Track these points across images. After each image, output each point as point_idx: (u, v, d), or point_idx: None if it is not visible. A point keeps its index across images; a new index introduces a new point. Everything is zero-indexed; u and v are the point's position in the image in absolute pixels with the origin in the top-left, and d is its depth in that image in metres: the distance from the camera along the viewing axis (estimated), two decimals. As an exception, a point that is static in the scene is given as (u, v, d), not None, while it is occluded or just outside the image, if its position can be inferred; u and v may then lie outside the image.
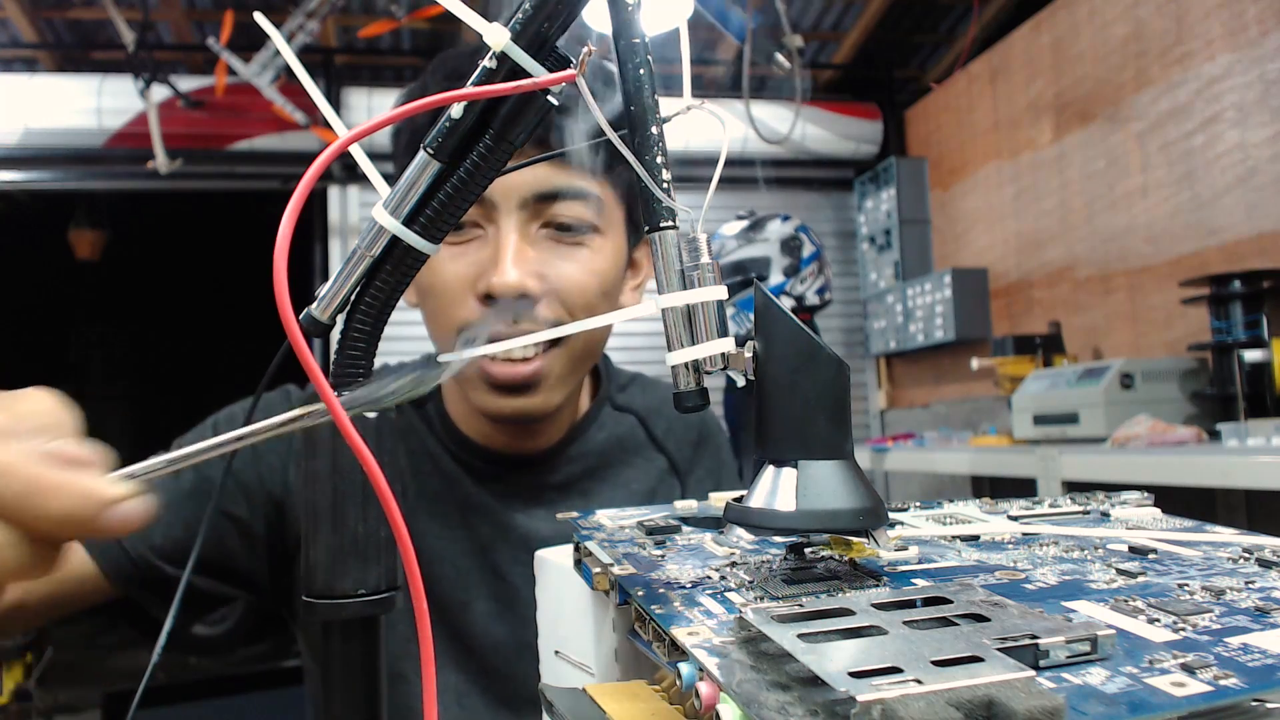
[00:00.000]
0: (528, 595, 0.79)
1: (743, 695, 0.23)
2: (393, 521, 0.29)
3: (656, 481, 0.87)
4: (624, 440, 0.87)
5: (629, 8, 0.33)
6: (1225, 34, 1.96)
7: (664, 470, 0.88)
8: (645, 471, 0.87)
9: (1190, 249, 2.07)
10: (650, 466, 0.87)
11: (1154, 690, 0.22)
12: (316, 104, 0.36)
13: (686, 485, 0.88)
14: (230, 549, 0.77)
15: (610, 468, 0.85)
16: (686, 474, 0.89)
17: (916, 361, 3.28)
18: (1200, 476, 1.42)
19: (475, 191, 0.34)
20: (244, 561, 0.78)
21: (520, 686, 0.78)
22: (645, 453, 0.88)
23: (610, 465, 0.85)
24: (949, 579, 0.33)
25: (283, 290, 0.29)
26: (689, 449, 0.90)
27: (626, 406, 0.89)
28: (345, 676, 0.34)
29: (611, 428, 0.86)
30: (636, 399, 0.90)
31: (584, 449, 0.84)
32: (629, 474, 0.86)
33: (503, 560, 0.78)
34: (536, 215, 0.70)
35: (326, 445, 0.33)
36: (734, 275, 2.39)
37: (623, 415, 0.88)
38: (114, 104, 2.76)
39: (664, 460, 0.88)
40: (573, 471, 0.83)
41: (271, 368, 0.72)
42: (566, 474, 0.82)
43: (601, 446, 0.85)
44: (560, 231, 0.71)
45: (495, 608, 0.78)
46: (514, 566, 0.79)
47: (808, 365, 0.31)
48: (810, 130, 3.22)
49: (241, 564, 0.78)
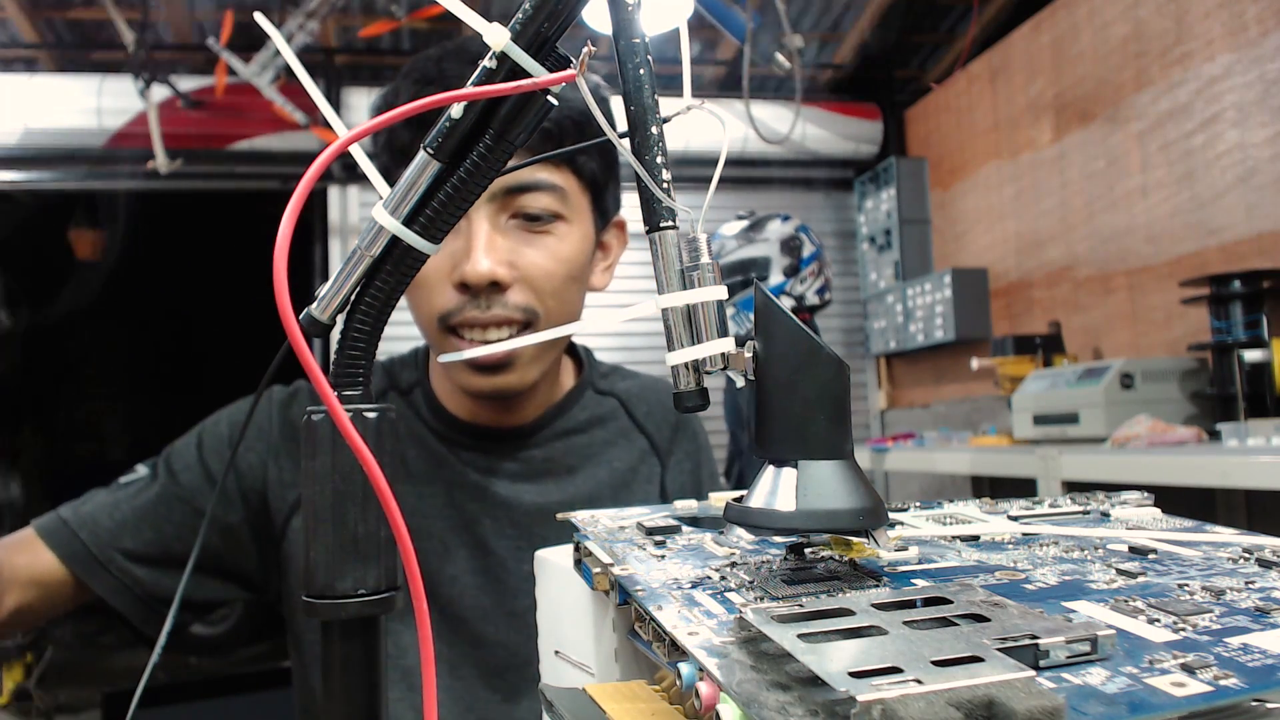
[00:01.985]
0: (514, 566, 0.81)
1: (743, 695, 0.23)
2: (393, 521, 0.29)
3: (637, 460, 0.90)
4: (605, 420, 0.90)
5: (629, 8, 0.33)
6: (1225, 34, 1.96)
7: (644, 450, 0.91)
8: (626, 450, 0.90)
9: (1190, 249, 2.07)
10: (631, 446, 0.90)
11: (1154, 690, 0.22)
12: (316, 104, 0.36)
13: (666, 466, 0.92)
14: (215, 548, 0.80)
15: (592, 445, 0.88)
16: (666, 454, 0.92)
17: (916, 361, 3.28)
18: (1200, 476, 1.42)
19: (475, 191, 0.34)
20: (231, 560, 0.81)
21: (511, 656, 0.80)
22: (626, 433, 0.91)
23: (593, 442, 0.88)
24: (949, 579, 0.33)
25: (283, 290, 0.29)
26: (669, 430, 0.93)
27: (609, 391, 0.92)
28: (345, 676, 0.34)
29: (594, 409, 0.90)
30: (618, 384, 0.94)
31: (566, 426, 0.87)
32: (611, 452, 0.89)
33: (488, 533, 0.81)
34: (505, 207, 0.74)
35: (326, 445, 0.33)
36: (734, 275, 2.39)
37: (605, 398, 0.92)
38: (114, 104, 2.76)
39: (644, 441, 0.91)
40: (556, 447, 0.86)
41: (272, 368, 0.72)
42: (550, 449, 0.85)
43: (584, 424, 0.88)
44: (528, 221, 0.75)
45: (483, 580, 0.81)
46: (499, 540, 0.81)
47: (808, 365, 0.31)
48: (810, 130, 3.22)
49: (229, 562, 0.81)
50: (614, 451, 0.89)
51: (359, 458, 0.28)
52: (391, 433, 0.34)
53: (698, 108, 0.37)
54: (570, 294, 0.78)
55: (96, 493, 0.82)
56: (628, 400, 0.92)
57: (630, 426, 0.92)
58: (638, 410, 0.92)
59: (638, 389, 0.94)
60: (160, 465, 0.82)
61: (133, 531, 0.78)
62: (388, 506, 0.29)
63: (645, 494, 0.89)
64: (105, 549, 0.78)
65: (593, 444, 0.88)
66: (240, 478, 0.81)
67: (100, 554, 0.77)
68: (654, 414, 0.93)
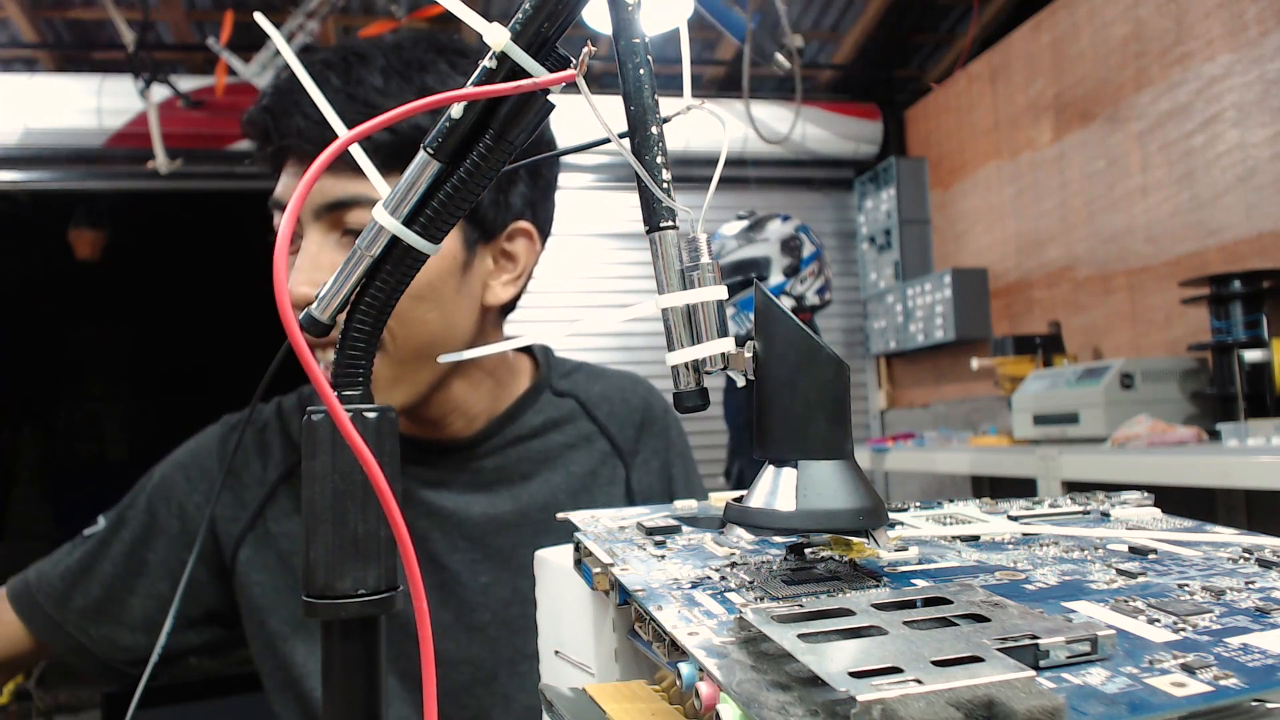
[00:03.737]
0: (469, 579, 0.80)
1: (743, 695, 0.23)
2: (393, 521, 0.29)
3: (598, 463, 0.87)
4: (562, 423, 0.87)
5: (629, 8, 0.33)
6: (1225, 34, 1.96)
7: (605, 452, 0.88)
8: (586, 453, 0.87)
9: (1190, 249, 2.07)
10: (591, 449, 0.88)
11: (1154, 690, 0.22)
12: (316, 104, 0.36)
13: (631, 467, 0.89)
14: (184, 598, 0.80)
15: (548, 449, 0.86)
16: (630, 455, 0.89)
17: (916, 361, 3.28)
18: (1200, 476, 1.42)
19: (475, 191, 0.34)
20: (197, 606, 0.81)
21: (476, 670, 0.79)
22: (587, 435, 0.88)
23: (548, 447, 0.86)
24: (949, 579, 0.33)
25: (283, 290, 0.29)
26: (632, 430, 0.90)
27: (568, 392, 0.89)
28: (345, 676, 0.34)
29: (550, 411, 0.87)
30: (579, 385, 0.90)
31: (519, 432, 0.84)
32: (569, 455, 0.86)
33: (440, 548, 0.80)
34: (335, 225, 0.71)
35: (326, 445, 0.33)
36: (734, 275, 2.39)
37: (562, 400, 0.89)
38: (114, 104, 2.76)
39: (605, 443, 0.89)
40: (508, 454, 0.83)
41: (272, 368, 0.72)
42: (501, 457, 0.83)
43: (538, 429, 0.85)
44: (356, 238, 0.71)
45: (439, 597, 0.79)
46: (452, 554, 0.80)
47: (808, 365, 0.31)
48: (810, 130, 3.22)
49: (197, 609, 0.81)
50: (572, 455, 0.86)
51: (359, 458, 0.28)
52: (391, 433, 0.34)
53: (698, 108, 0.37)
54: (420, 314, 0.71)
55: (63, 548, 0.82)
56: (588, 401, 0.89)
57: (591, 428, 0.89)
58: (599, 411, 0.89)
59: (601, 389, 0.91)
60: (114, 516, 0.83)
61: (82, 589, 0.80)
62: (388, 506, 0.29)
63: (607, 496, 0.87)
64: (61, 608, 0.79)
65: (548, 448, 0.85)
66: (187, 520, 0.81)
67: (56, 614, 0.79)
68: (616, 414, 0.90)
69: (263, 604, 0.79)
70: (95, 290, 4.54)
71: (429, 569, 0.79)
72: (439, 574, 0.80)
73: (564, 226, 3.22)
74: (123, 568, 0.80)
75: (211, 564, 0.81)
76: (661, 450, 0.92)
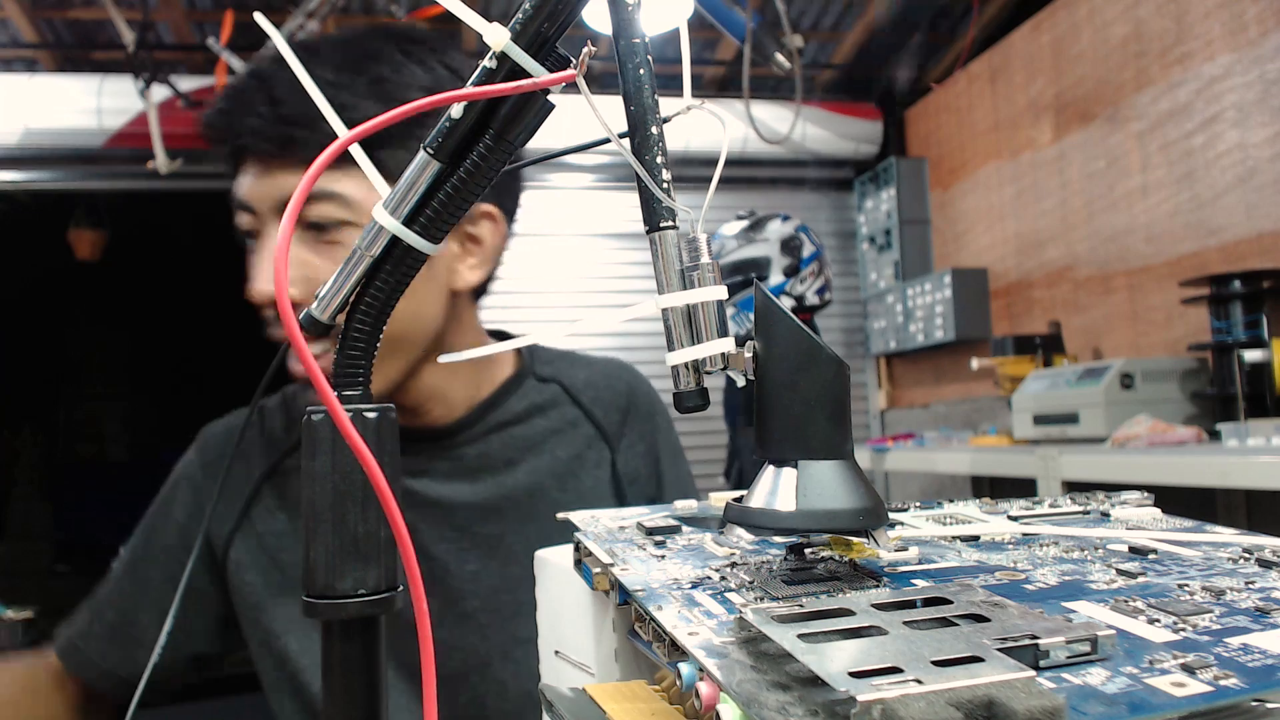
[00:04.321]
0: (455, 567, 0.80)
1: (743, 695, 0.23)
2: (393, 521, 0.29)
3: (583, 447, 0.88)
4: (546, 408, 0.88)
5: (629, 8, 0.33)
6: (1225, 34, 1.96)
7: (591, 436, 0.89)
8: (570, 438, 0.87)
9: (1190, 249, 2.07)
10: (575, 433, 0.88)
11: (1154, 690, 0.22)
12: (316, 104, 0.36)
13: (617, 450, 0.89)
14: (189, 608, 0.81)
15: (532, 435, 0.86)
16: (616, 438, 0.89)
17: (916, 361, 3.28)
18: (1200, 476, 1.42)
19: (475, 191, 0.34)
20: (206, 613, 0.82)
21: (467, 657, 0.79)
22: (572, 420, 0.88)
23: (532, 432, 0.86)
24: (949, 579, 0.33)
25: (283, 290, 0.29)
26: (617, 414, 0.91)
27: (551, 377, 0.89)
28: (345, 676, 0.34)
29: (533, 397, 0.87)
30: (563, 370, 0.91)
31: (502, 418, 0.84)
32: (553, 440, 0.86)
33: (425, 538, 0.80)
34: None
35: (326, 445, 0.33)
36: (734, 275, 2.39)
37: (546, 385, 0.89)
38: (114, 104, 2.76)
39: (590, 427, 0.89)
40: (491, 441, 0.84)
41: (272, 368, 0.72)
42: (485, 444, 0.83)
43: (522, 415, 0.86)
44: (317, 231, 0.72)
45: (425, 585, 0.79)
46: (438, 543, 0.80)
47: (808, 365, 0.31)
48: (810, 130, 3.22)
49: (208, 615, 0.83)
50: (557, 440, 0.87)
51: (359, 458, 0.28)
52: (392, 433, 0.34)
53: (698, 108, 0.37)
54: None
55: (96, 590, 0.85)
56: (572, 386, 0.90)
57: (576, 413, 0.89)
58: (583, 396, 0.90)
59: (586, 375, 0.91)
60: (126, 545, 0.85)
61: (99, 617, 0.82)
62: (388, 506, 0.29)
63: (594, 480, 0.87)
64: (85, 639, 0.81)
65: (532, 434, 0.86)
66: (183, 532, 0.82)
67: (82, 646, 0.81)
68: (601, 398, 0.90)
69: (255, 601, 0.80)
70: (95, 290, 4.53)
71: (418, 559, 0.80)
72: (426, 563, 0.80)
73: (564, 226, 3.22)
74: (128, 588, 0.82)
75: (211, 571, 0.82)
76: (648, 433, 0.92)
